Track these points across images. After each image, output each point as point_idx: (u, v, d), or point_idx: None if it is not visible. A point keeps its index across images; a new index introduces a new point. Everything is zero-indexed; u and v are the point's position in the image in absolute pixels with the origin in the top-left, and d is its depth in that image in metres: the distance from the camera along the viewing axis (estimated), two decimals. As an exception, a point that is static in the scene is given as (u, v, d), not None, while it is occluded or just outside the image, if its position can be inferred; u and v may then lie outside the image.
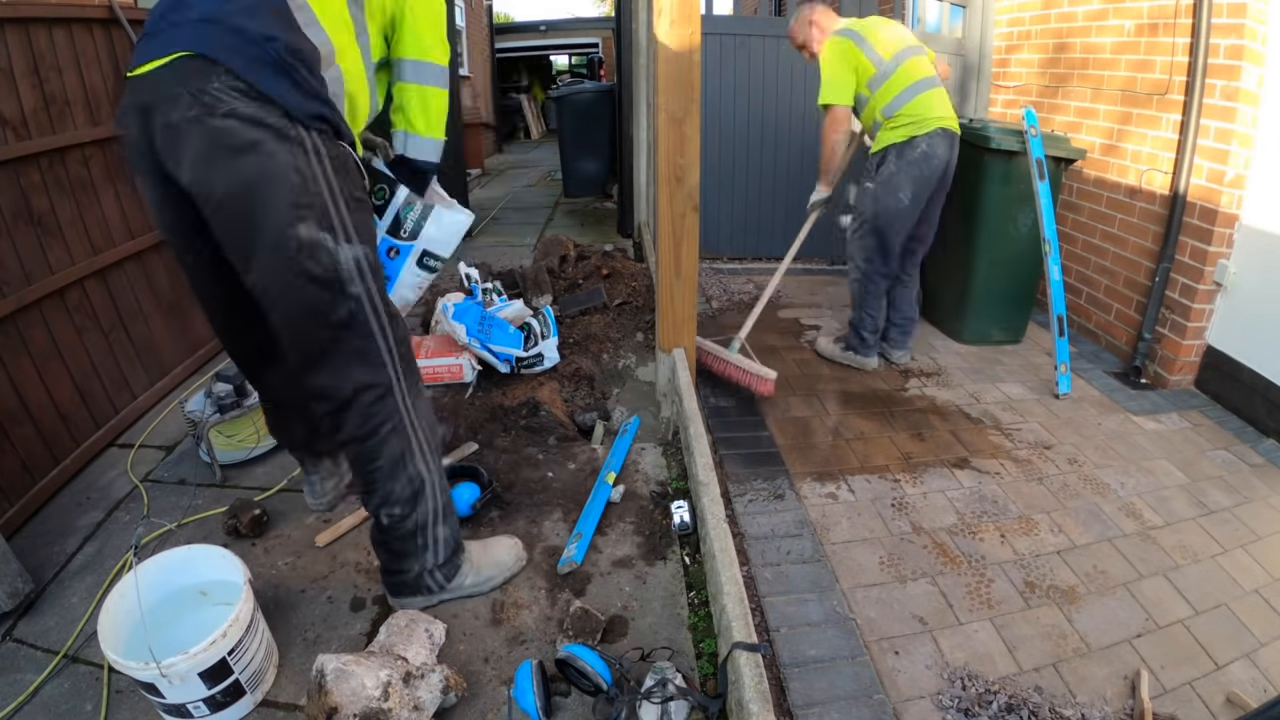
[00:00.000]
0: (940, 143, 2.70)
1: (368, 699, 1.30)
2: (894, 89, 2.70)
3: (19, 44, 2.31)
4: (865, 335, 3.02)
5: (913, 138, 2.69)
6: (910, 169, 2.71)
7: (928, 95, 2.70)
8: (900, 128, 2.71)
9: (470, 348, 2.79)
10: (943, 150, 2.72)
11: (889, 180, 2.75)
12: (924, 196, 2.77)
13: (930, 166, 2.71)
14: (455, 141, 4.96)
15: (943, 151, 2.72)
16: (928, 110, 2.69)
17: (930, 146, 2.69)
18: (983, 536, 2.05)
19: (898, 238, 2.85)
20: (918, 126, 2.68)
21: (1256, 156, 2.65)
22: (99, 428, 2.43)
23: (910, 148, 2.70)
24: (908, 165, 2.71)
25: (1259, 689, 1.57)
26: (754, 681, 1.31)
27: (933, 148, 2.70)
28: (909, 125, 2.69)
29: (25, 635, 1.66)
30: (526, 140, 13.62)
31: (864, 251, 2.91)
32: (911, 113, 2.69)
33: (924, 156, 2.70)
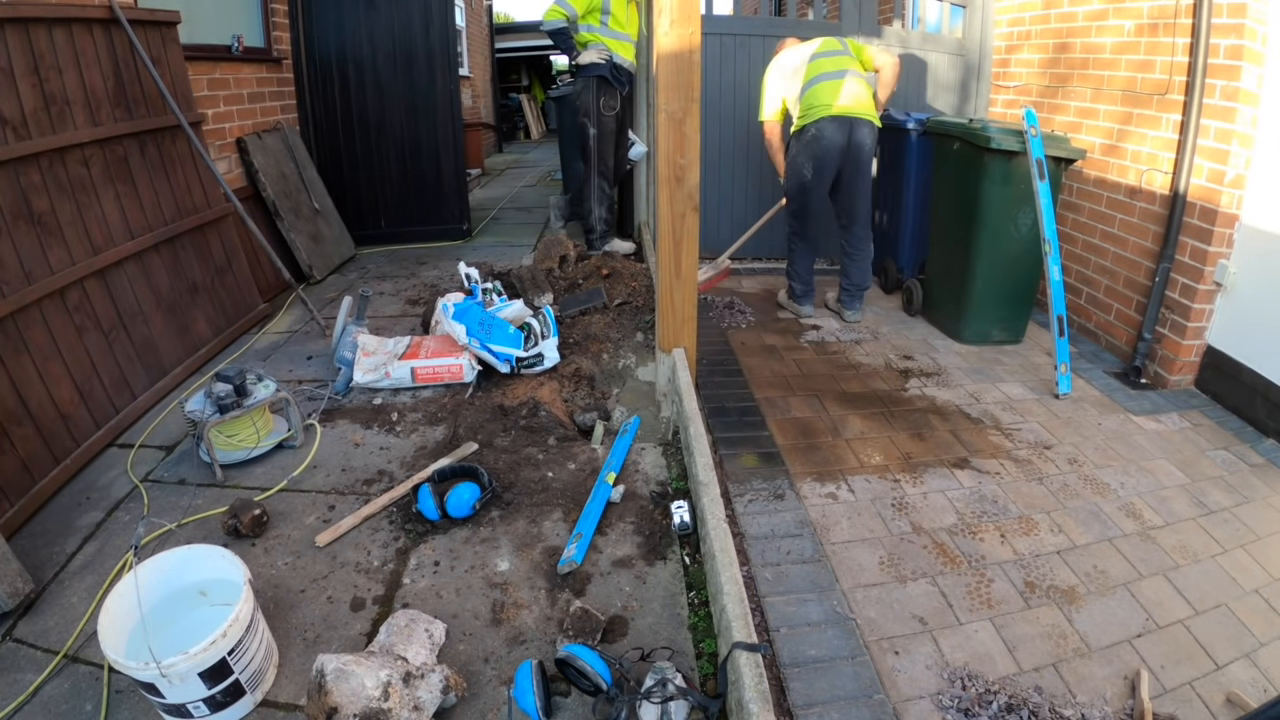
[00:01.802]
0: (828, 126, 3.19)
1: (368, 699, 1.30)
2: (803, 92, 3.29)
3: (19, 44, 2.31)
4: (795, 287, 3.66)
5: (803, 126, 3.27)
6: (805, 150, 3.29)
7: (823, 85, 3.21)
8: (798, 119, 3.32)
9: (470, 348, 2.79)
10: (831, 132, 3.19)
11: (793, 161, 3.39)
12: (827, 171, 3.29)
13: (821, 146, 3.22)
14: (455, 141, 4.96)
15: (831, 133, 3.20)
16: (817, 100, 3.21)
17: (819, 130, 3.21)
18: (983, 536, 2.05)
19: (810, 206, 3.43)
20: (806, 117, 3.26)
21: (1256, 156, 2.65)
22: (99, 428, 2.43)
23: (803, 133, 3.28)
24: (803, 147, 3.30)
25: (1259, 689, 1.57)
26: (754, 681, 1.31)
27: (821, 130, 3.20)
28: (802, 116, 3.28)
29: (25, 635, 1.66)
30: (526, 140, 13.62)
31: (787, 218, 3.59)
32: (805, 102, 3.26)
33: (814, 139, 3.24)
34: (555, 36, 4.14)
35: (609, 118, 4.23)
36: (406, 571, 1.86)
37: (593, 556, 1.90)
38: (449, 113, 4.86)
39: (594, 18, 4.07)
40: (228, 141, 3.81)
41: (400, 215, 5.03)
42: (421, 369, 2.77)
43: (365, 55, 4.67)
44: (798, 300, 3.70)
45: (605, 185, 4.39)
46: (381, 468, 2.31)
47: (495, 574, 1.85)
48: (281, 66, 4.43)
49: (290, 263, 4.01)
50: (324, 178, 4.65)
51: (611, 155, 4.37)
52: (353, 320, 3.03)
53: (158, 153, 2.96)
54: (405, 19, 4.67)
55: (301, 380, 2.92)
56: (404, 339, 2.96)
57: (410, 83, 4.76)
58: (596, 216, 4.42)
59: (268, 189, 3.95)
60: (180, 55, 3.16)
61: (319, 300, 3.84)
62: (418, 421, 2.58)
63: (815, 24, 5.16)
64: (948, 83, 4.42)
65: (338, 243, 4.58)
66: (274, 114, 4.33)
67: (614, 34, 4.10)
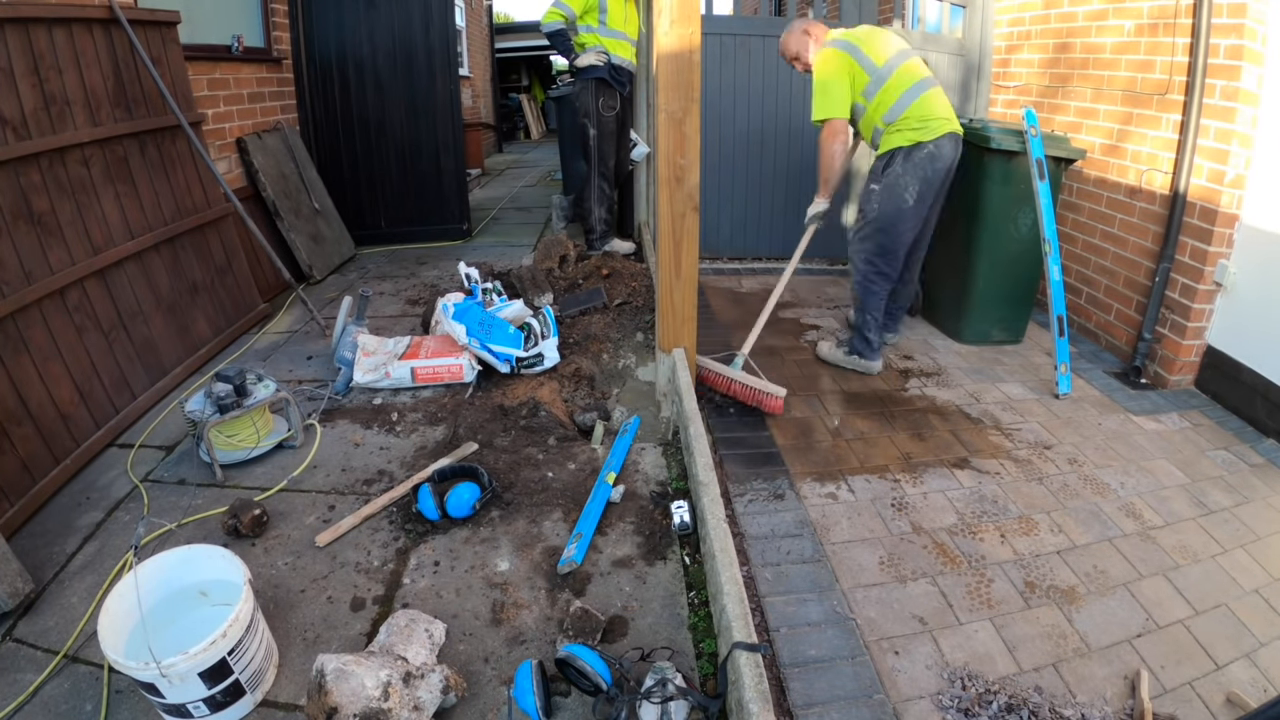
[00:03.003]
0: (946, 145, 2.72)
1: (368, 699, 1.30)
2: (891, 94, 2.71)
3: (19, 44, 2.31)
4: (870, 337, 2.95)
5: (919, 142, 2.70)
6: (916, 170, 2.72)
7: (927, 96, 2.71)
8: (905, 131, 2.71)
9: (470, 348, 2.79)
10: (948, 152, 2.74)
11: (895, 182, 2.75)
12: (929, 198, 2.79)
13: (935, 169, 2.73)
14: (455, 141, 4.96)
15: (948, 153, 2.74)
16: (931, 112, 2.70)
17: (937, 149, 2.71)
18: (983, 536, 2.05)
19: (902, 239, 2.85)
20: (924, 131, 2.69)
21: (1256, 156, 2.65)
22: (99, 428, 2.43)
23: (917, 150, 2.71)
24: (914, 167, 2.72)
25: (1259, 689, 1.57)
26: (754, 681, 1.31)
27: (939, 149, 2.71)
28: (916, 129, 2.69)
29: (25, 635, 1.66)
30: (526, 140, 13.62)
31: (865, 253, 2.89)
32: (915, 115, 2.69)
33: (930, 158, 2.71)
34: (554, 39, 4.14)
35: (609, 118, 4.23)
36: (406, 571, 1.86)
37: (593, 556, 1.90)
38: (449, 113, 4.86)
39: (592, 17, 4.07)
40: (228, 141, 3.81)
41: (400, 215, 5.03)
42: (421, 369, 2.77)
43: (365, 55, 4.67)
44: (867, 355, 2.99)
45: (605, 186, 4.39)
46: (381, 468, 2.31)
47: (495, 574, 1.85)
48: (281, 66, 4.43)
49: (290, 263, 4.01)
50: (324, 178, 4.65)
51: (612, 155, 4.37)
52: (353, 320, 3.03)
53: (158, 153, 2.96)
54: (405, 19, 4.67)
55: (301, 380, 2.92)
56: (404, 339, 2.96)
57: (410, 83, 4.76)
58: (596, 217, 4.42)
59: (268, 189, 3.95)
60: (180, 55, 3.16)
61: (319, 300, 3.84)
62: (418, 421, 2.58)
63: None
64: (948, 83, 4.41)
65: (338, 243, 4.58)
66: (274, 114, 4.33)
67: (612, 33, 4.10)
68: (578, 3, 4.00)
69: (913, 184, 2.73)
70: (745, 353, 2.81)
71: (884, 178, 2.78)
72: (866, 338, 2.96)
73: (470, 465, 2.15)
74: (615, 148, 4.38)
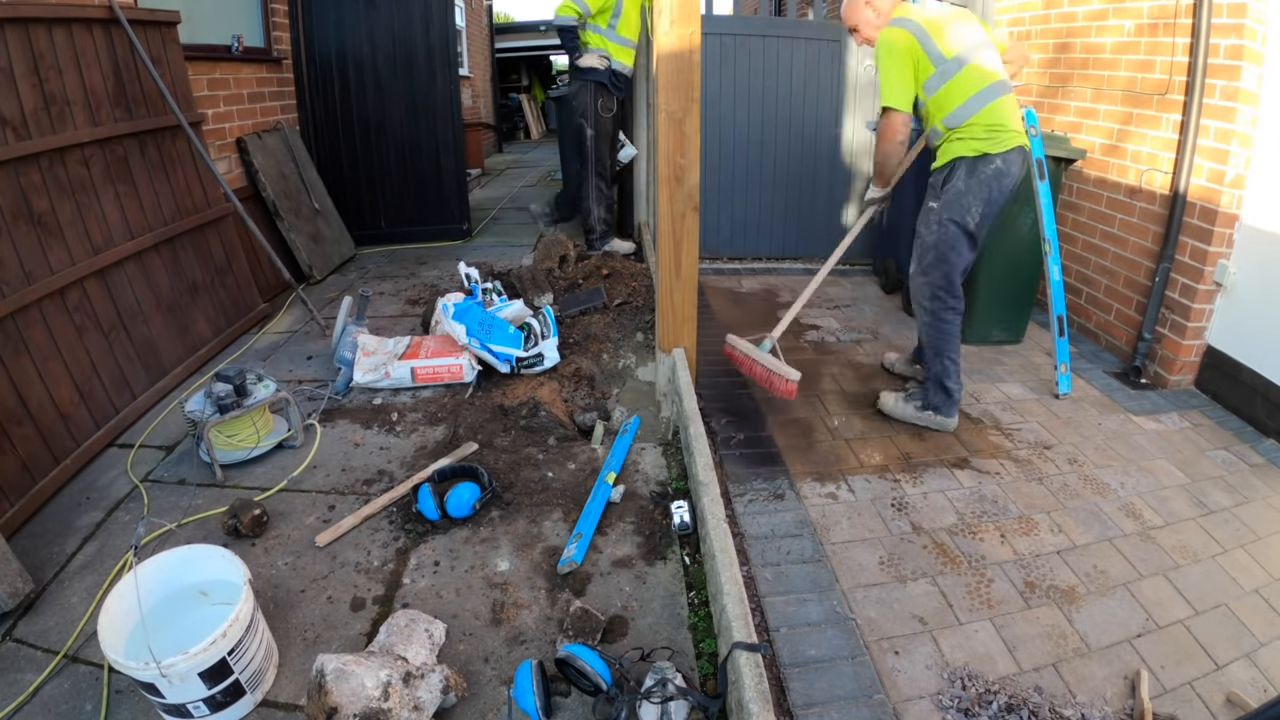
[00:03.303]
0: (1015, 161, 2.34)
1: (368, 699, 1.30)
2: (957, 95, 2.32)
3: (19, 44, 2.31)
4: (950, 387, 2.51)
5: (986, 154, 2.31)
6: (981, 189, 2.33)
7: (999, 104, 2.31)
8: (970, 140, 2.33)
9: (470, 348, 2.79)
10: (1016, 170, 2.36)
11: (957, 200, 2.36)
12: (990, 222, 2.42)
13: (1003, 187, 2.34)
14: (455, 141, 4.96)
15: (1016, 171, 2.36)
16: (1003, 121, 2.31)
17: (1005, 164, 2.31)
18: (983, 536, 2.05)
19: (963, 266, 2.47)
20: (993, 142, 2.30)
21: (1256, 156, 2.65)
22: (99, 428, 2.43)
23: (984, 163, 2.32)
24: (979, 184, 2.33)
25: (1259, 689, 1.57)
26: (754, 681, 1.31)
27: (1008, 166, 2.32)
28: (984, 139, 2.31)
29: (25, 635, 1.66)
30: (526, 140, 13.62)
31: (932, 287, 2.48)
32: (984, 123, 2.31)
33: (997, 175, 2.31)
34: (562, 33, 4.12)
35: (606, 119, 4.23)
36: (406, 571, 1.86)
37: (593, 556, 1.90)
38: (449, 113, 4.86)
39: (604, 19, 4.06)
40: (228, 141, 3.81)
41: (400, 215, 5.03)
42: (421, 369, 2.77)
43: (365, 55, 4.67)
44: (945, 410, 2.54)
45: (603, 185, 4.39)
46: (381, 468, 2.31)
47: (495, 574, 1.85)
48: (281, 66, 4.43)
49: (290, 263, 4.01)
50: (324, 178, 4.65)
51: (609, 156, 4.38)
52: (353, 320, 3.03)
53: (158, 153, 2.96)
54: (405, 19, 4.67)
55: (301, 380, 2.92)
56: (404, 339, 2.96)
57: (410, 83, 4.76)
58: (596, 217, 4.42)
59: (268, 189, 3.95)
60: (180, 55, 3.16)
61: (319, 300, 3.84)
62: (418, 421, 2.58)
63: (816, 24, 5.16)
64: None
65: (338, 243, 4.58)
66: (274, 114, 4.33)
67: (620, 39, 4.10)
68: (595, 1, 3.98)
69: (976, 203, 2.34)
70: (776, 336, 2.64)
71: (944, 194, 2.40)
72: (946, 387, 2.52)
73: (470, 465, 2.15)
74: (612, 148, 4.39)
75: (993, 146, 2.31)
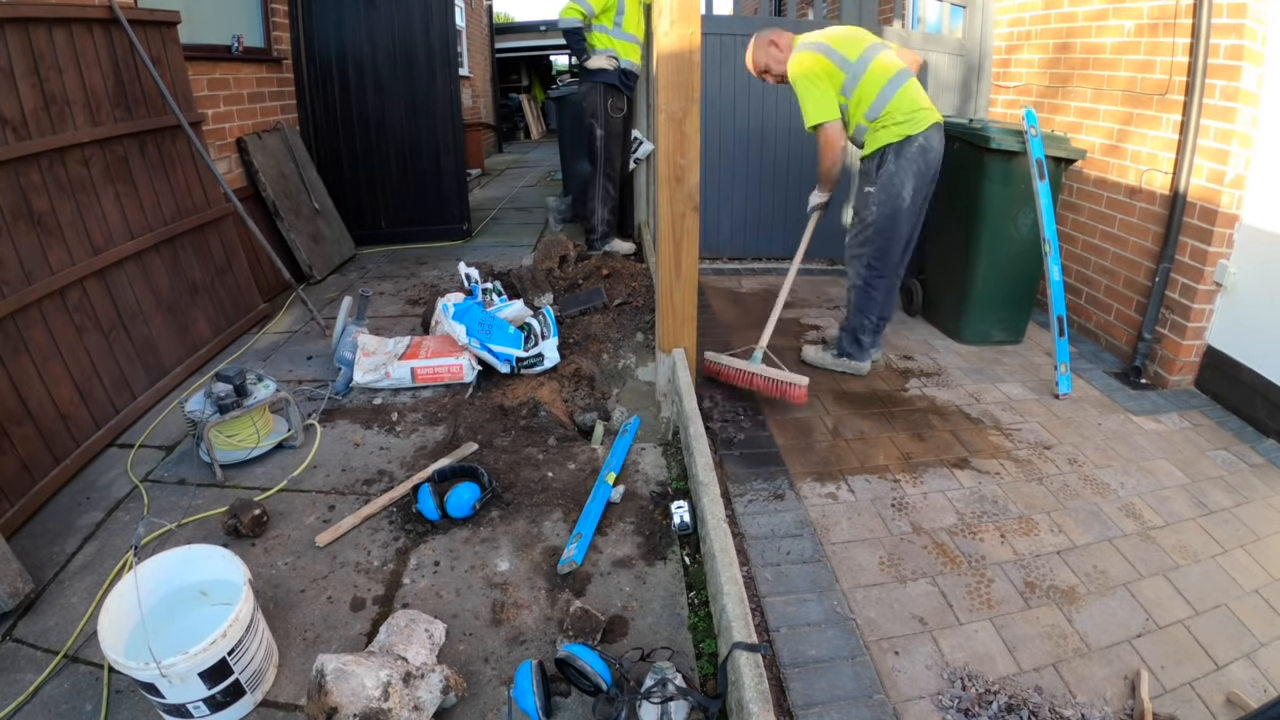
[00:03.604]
0: (934, 136, 2.67)
1: (368, 699, 1.30)
2: (871, 89, 2.64)
3: (19, 44, 2.31)
4: (863, 339, 2.92)
5: (909, 136, 2.63)
6: (910, 165, 2.65)
7: (907, 89, 2.65)
8: (892, 126, 2.64)
9: (470, 348, 2.79)
10: (937, 143, 2.69)
11: (890, 181, 2.68)
12: (924, 193, 2.74)
13: (928, 161, 2.67)
14: (455, 141, 4.96)
15: (937, 144, 2.69)
16: (914, 104, 2.64)
17: (927, 141, 2.65)
18: (983, 536, 2.05)
19: (901, 239, 2.78)
20: (911, 123, 2.62)
21: (1256, 156, 2.65)
22: (99, 428, 2.43)
23: (908, 144, 2.64)
24: (907, 162, 2.65)
25: (1259, 689, 1.57)
26: (754, 681, 1.31)
27: (929, 141, 2.66)
28: (903, 122, 2.63)
29: (25, 635, 1.66)
30: (526, 140, 13.62)
31: (865, 258, 2.82)
32: (899, 109, 2.63)
33: (921, 151, 2.65)
34: (569, 36, 4.10)
35: (617, 119, 4.23)
36: (406, 571, 1.86)
37: (593, 556, 1.90)
38: (449, 113, 4.86)
39: (608, 17, 4.06)
40: (228, 141, 3.81)
41: (400, 215, 5.03)
42: (421, 369, 2.77)
43: (365, 55, 4.67)
44: (857, 356, 2.96)
45: (610, 187, 4.38)
46: (381, 468, 2.31)
47: (495, 574, 1.85)
48: (281, 66, 4.43)
49: (290, 263, 4.01)
50: (324, 178, 4.65)
51: (618, 157, 4.37)
52: (353, 320, 3.03)
53: (158, 153, 2.96)
54: (405, 19, 4.67)
55: (301, 380, 2.92)
56: (404, 339, 2.96)
57: (410, 83, 4.76)
58: (599, 217, 4.42)
59: (268, 189, 3.96)
60: (180, 55, 3.16)
61: (319, 300, 3.84)
62: (418, 421, 2.58)
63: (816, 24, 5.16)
64: (948, 83, 4.42)
65: (338, 243, 4.58)
66: (274, 114, 4.33)
67: (625, 36, 4.10)
68: (598, 1, 3.98)
69: (908, 180, 2.66)
70: (764, 345, 2.77)
71: (879, 178, 2.71)
72: (859, 340, 2.92)
73: (470, 465, 2.15)
74: (621, 148, 4.38)
75: (912, 128, 2.63)
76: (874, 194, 2.73)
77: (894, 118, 2.63)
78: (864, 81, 2.64)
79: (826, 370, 3.01)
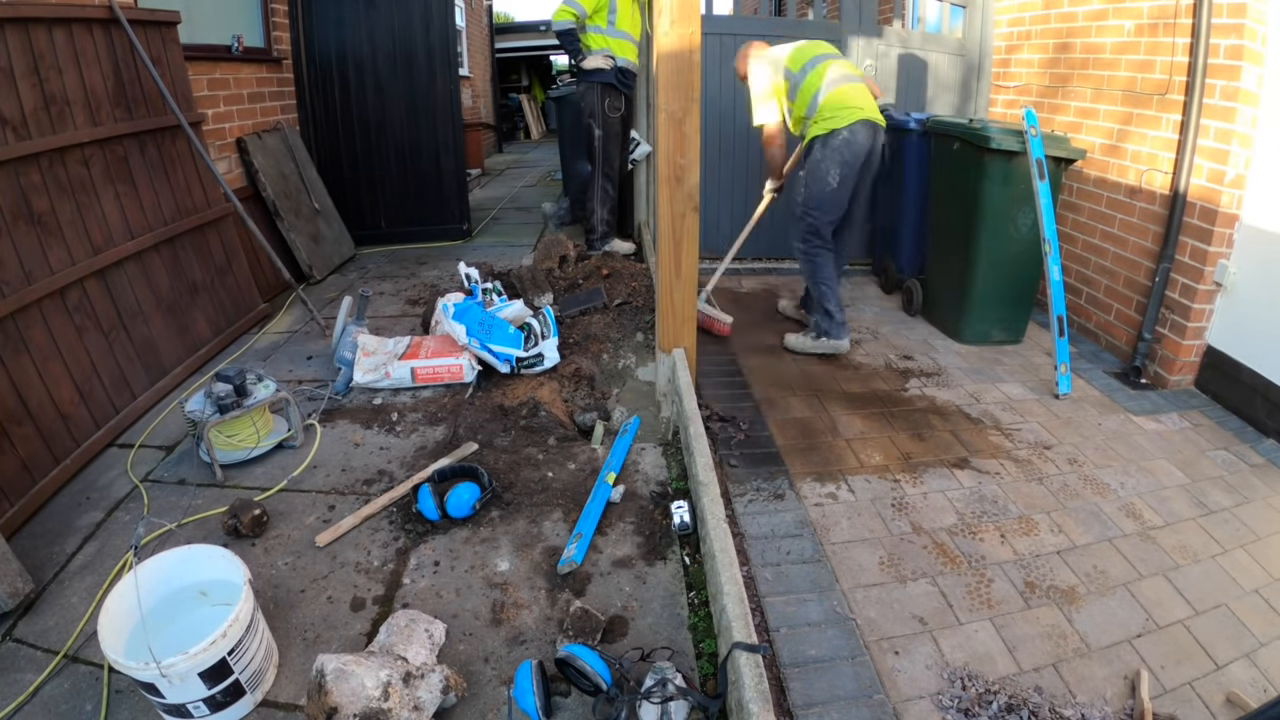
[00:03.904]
0: (860, 130, 2.92)
1: (368, 699, 1.30)
2: (807, 93, 3.01)
3: (19, 44, 2.31)
4: (830, 309, 3.12)
5: (834, 129, 2.93)
6: (834, 155, 2.95)
7: (842, 90, 2.95)
8: (821, 120, 2.97)
9: (470, 348, 2.79)
10: (863, 137, 2.93)
11: (815, 167, 3.01)
12: (852, 179, 3.00)
13: (852, 151, 2.94)
14: (455, 141, 4.96)
15: (863, 138, 2.93)
16: (844, 102, 2.93)
17: (851, 134, 2.92)
18: (983, 536, 2.05)
19: (829, 216, 3.09)
20: (837, 119, 2.93)
21: (1256, 156, 2.65)
22: (99, 428, 2.43)
23: (833, 136, 2.94)
24: (831, 152, 2.95)
25: (1259, 689, 1.57)
26: (754, 681, 1.31)
27: (854, 135, 2.92)
28: (829, 118, 2.94)
29: (25, 635, 1.66)
30: (526, 140, 13.62)
31: (800, 232, 3.15)
32: (829, 105, 2.95)
33: (845, 143, 2.93)
34: (563, 38, 4.11)
35: (614, 119, 4.23)
36: (406, 571, 1.86)
37: (593, 556, 1.90)
38: (449, 113, 4.86)
39: (601, 17, 4.07)
40: (228, 141, 3.81)
41: (400, 215, 5.03)
42: (421, 369, 2.77)
43: (365, 55, 4.67)
44: (834, 333, 3.13)
45: (609, 187, 4.39)
46: (381, 468, 2.31)
47: (495, 574, 1.85)
48: (281, 66, 4.43)
49: (290, 263, 4.01)
50: (324, 178, 4.65)
51: (617, 156, 4.37)
52: (353, 320, 3.03)
53: (158, 153, 2.96)
54: (405, 19, 4.67)
55: (301, 380, 2.92)
56: (404, 339, 2.96)
57: (410, 83, 4.76)
58: (599, 217, 4.42)
59: (268, 189, 3.95)
60: (180, 55, 3.16)
61: (319, 300, 3.84)
62: (418, 421, 2.58)
63: (816, 24, 5.16)
64: (948, 83, 4.42)
65: (338, 243, 4.58)
66: (274, 114, 4.33)
67: (620, 34, 4.10)
68: (589, 1, 3.99)
69: (833, 167, 2.96)
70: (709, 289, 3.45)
71: (806, 164, 3.08)
72: (827, 310, 3.12)
73: (470, 465, 2.15)
74: (619, 148, 4.38)
75: (837, 122, 2.93)
76: (803, 177, 3.12)
77: (823, 114, 2.97)
78: (802, 88, 3.03)
79: (809, 354, 3.22)
